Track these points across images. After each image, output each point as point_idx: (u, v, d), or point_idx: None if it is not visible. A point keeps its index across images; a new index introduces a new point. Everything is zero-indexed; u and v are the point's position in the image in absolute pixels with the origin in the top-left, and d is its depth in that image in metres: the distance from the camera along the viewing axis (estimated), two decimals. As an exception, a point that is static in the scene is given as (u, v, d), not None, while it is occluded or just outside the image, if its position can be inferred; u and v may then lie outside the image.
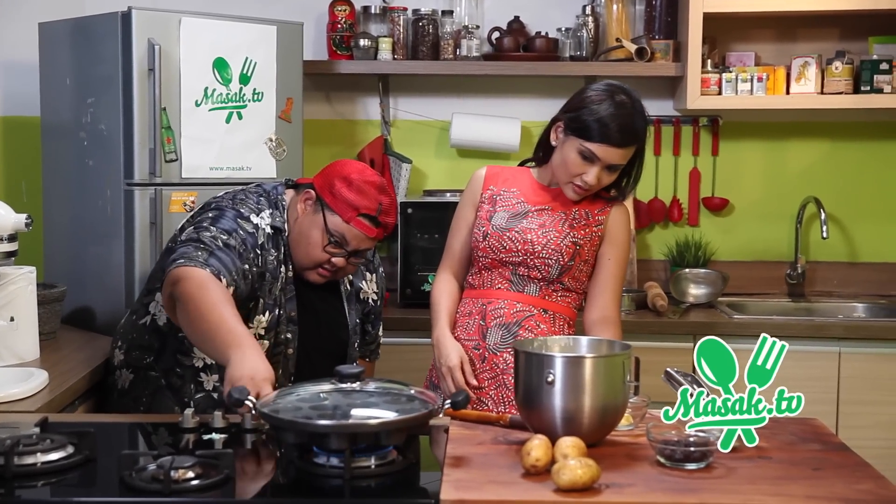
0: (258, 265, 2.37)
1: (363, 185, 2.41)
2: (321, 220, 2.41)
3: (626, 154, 2.44)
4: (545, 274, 2.49)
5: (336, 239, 2.40)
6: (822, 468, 1.88)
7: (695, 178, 4.03)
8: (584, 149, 2.43)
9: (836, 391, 3.43)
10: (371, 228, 2.41)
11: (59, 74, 3.37)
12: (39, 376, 2.53)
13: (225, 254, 2.28)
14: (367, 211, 2.40)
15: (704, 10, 3.67)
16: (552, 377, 1.91)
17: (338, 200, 2.40)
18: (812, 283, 4.01)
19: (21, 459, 1.80)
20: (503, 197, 2.58)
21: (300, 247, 2.44)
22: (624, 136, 2.41)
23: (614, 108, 2.42)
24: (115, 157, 3.15)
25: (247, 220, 2.40)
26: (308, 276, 2.47)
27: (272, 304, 2.42)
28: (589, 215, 2.53)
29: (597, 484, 1.73)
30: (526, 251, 2.48)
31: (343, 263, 2.44)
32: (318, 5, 3.96)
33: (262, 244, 2.39)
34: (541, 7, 3.96)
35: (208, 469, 1.76)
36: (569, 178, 2.48)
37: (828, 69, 3.73)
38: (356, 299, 2.63)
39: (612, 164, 2.44)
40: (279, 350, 2.44)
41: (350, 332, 2.59)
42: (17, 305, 2.74)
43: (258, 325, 2.40)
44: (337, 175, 2.43)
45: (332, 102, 4.07)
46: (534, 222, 2.52)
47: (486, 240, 2.52)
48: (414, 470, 1.85)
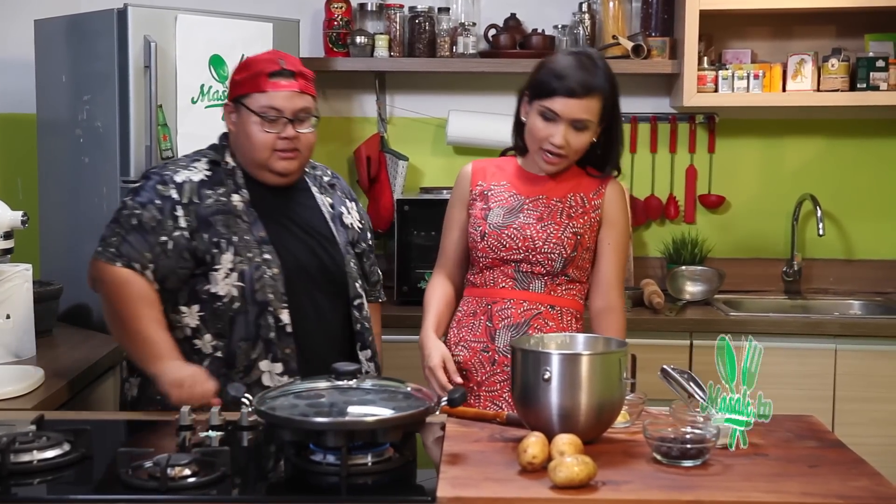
0: (188, 221, 2.32)
1: (254, 59, 2.41)
2: (245, 111, 2.37)
3: (589, 106, 2.38)
4: (549, 268, 2.44)
5: (268, 114, 2.35)
6: (818, 465, 1.88)
7: (691, 176, 4.04)
8: (544, 109, 2.38)
9: (832, 388, 3.43)
10: (289, 82, 2.36)
11: (55, 71, 3.37)
12: (35, 374, 2.53)
13: (137, 234, 2.30)
14: (273, 69, 2.35)
15: (701, 7, 3.66)
16: (549, 374, 1.91)
17: (244, 84, 2.38)
18: (808, 281, 4.02)
19: (17, 457, 1.80)
20: (494, 192, 2.51)
21: (246, 150, 2.39)
22: (581, 86, 2.35)
23: (569, 61, 2.39)
24: (111, 154, 3.15)
25: (169, 182, 2.35)
26: (274, 168, 2.39)
27: (231, 235, 2.35)
28: (585, 201, 2.48)
29: (593, 481, 1.73)
30: (527, 247, 2.43)
31: (293, 132, 2.37)
32: (314, 2, 3.96)
33: (190, 199, 2.34)
34: (537, 4, 3.96)
35: (205, 467, 1.76)
36: (538, 146, 2.42)
37: (824, 66, 3.74)
38: (340, 223, 2.55)
39: (575, 118, 2.37)
40: (260, 273, 2.34)
41: (342, 250, 2.50)
42: (13, 303, 2.74)
43: (225, 263, 2.33)
44: (233, 74, 2.44)
45: (328, 100, 4.06)
46: (531, 216, 2.46)
47: (485, 239, 2.46)
48: (411, 467, 1.85)
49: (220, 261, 2.33)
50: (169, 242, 2.31)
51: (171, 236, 2.31)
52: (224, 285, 2.32)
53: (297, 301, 2.38)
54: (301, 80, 2.39)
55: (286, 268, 2.38)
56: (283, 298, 2.35)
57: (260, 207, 2.41)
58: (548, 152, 2.41)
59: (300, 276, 2.40)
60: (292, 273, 2.39)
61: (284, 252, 2.39)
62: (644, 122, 4.03)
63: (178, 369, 2.20)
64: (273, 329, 2.33)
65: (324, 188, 2.57)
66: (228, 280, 2.32)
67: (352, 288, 2.48)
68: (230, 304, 2.32)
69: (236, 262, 2.34)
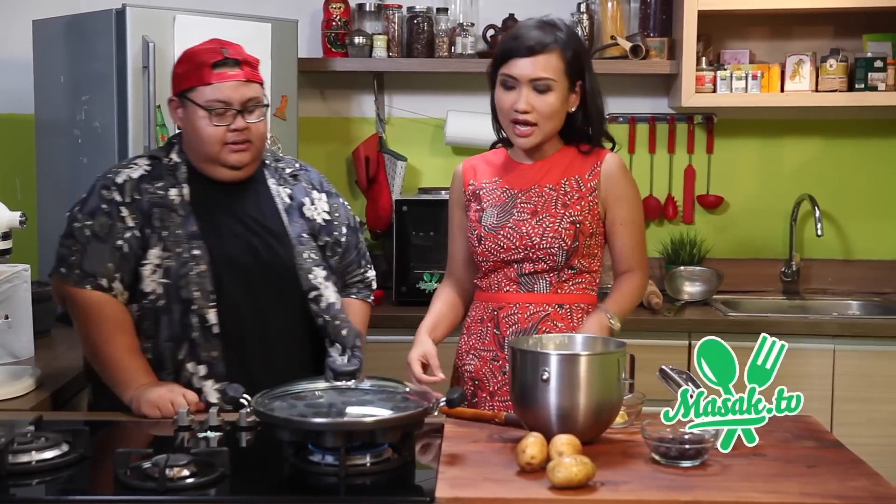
0: (135, 220, 2.27)
1: (195, 49, 2.32)
2: (191, 105, 2.28)
3: (547, 63, 2.29)
4: (552, 264, 2.36)
5: (215, 107, 2.26)
6: (816, 465, 1.88)
7: (689, 176, 4.04)
8: (503, 77, 2.32)
9: (830, 388, 3.43)
10: (234, 72, 2.28)
11: (54, 72, 3.37)
12: (34, 374, 2.53)
13: (93, 245, 2.26)
14: (215, 59, 2.27)
15: (699, 7, 3.66)
16: (547, 375, 1.91)
17: (187, 76, 2.29)
18: (807, 281, 4.02)
19: (16, 458, 1.80)
20: (486, 190, 2.44)
21: (196, 145, 2.31)
22: (532, 44, 2.29)
23: (521, 25, 2.35)
24: (109, 154, 3.15)
25: (111, 186, 2.30)
26: (227, 162, 2.31)
27: (162, 230, 2.28)
28: (580, 184, 2.38)
29: (592, 481, 1.73)
30: (525, 246, 2.35)
31: (243, 124, 2.28)
32: (312, 2, 3.95)
33: (132, 197, 2.29)
34: (536, 4, 3.94)
35: (203, 467, 1.76)
36: (507, 119, 2.34)
37: (822, 67, 3.74)
38: (299, 214, 2.43)
39: (534, 78, 2.29)
40: (185, 270, 2.27)
41: (293, 241, 2.38)
42: (11, 304, 2.73)
43: (152, 258, 2.27)
44: (175, 66, 2.35)
45: (327, 100, 4.06)
46: (525, 211, 2.38)
47: (482, 243, 2.39)
48: (409, 468, 1.85)
49: (148, 256, 2.28)
50: (124, 245, 2.27)
51: (123, 238, 2.27)
52: (150, 282, 2.27)
53: (230, 300, 2.30)
54: (247, 68, 2.30)
55: (216, 264, 2.29)
56: (210, 297, 2.27)
57: (200, 203, 2.33)
58: (515, 123, 2.32)
59: (234, 272, 2.31)
60: (224, 270, 2.30)
61: (217, 248, 2.31)
62: (642, 122, 4.03)
63: (149, 391, 2.20)
64: (198, 329, 2.26)
65: (283, 179, 2.45)
66: (155, 276, 2.27)
67: (304, 280, 2.37)
68: (155, 302, 2.27)
69: (163, 258, 2.27)
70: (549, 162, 2.41)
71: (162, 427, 2.13)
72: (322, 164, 3.97)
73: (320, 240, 2.44)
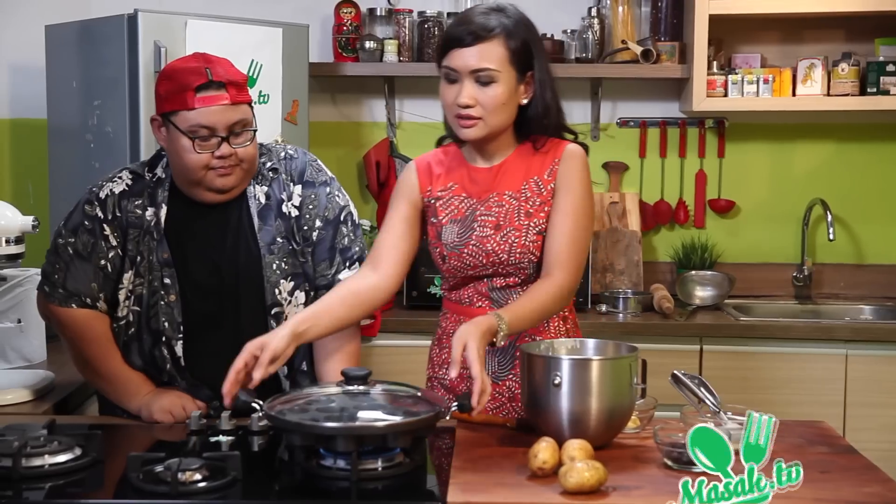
0: (117, 238, 2.22)
1: (177, 68, 2.16)
2: (174, 129, 2.14)
3: (488, 52, 2.10)
4: (523, 277, 2.21)
5: (198, 133, 2.13)
6: (829, 471, 1.87)
7: (700, 180, 4.03)
8: (445, 70, 2.15)
9: (843, 393, 3.42)
10: (218, 95, 2.13)
11: (66, 77, 3.38)
12: (46, 378, 2.54)
13: (76, 264, 2.22)
14: (199, 82, 2.12)
15: (710, 11, 3.66)
16: (559, 379, 1.91)
17: (169, 99, 2.14)
18: (819, 286, 4.00)
19: (29, 461, 1.80)
20: (444, 201, 2.25)
21: (180, 169, 2.20)
22: (469, 32, 2.11)
23: (464, 14, 2.18)
24: (121, 158, 3.15)
25: (94, 201, 2.24)
26: (212, 186, 2.19)
27: (136, 255, 2.22)
28: (540, 186, 2.20)
29: (604, 486, 1.73)
30: (492, 262, 2.19)
31: (229, 151, 2.15)
32: (323, 7, 3.96)
33: (113, 213, 2.22)
34: (546, 9, 3.96)
35: (215, 471, 1.76)
36: (452, 115, 2.16)
37: (834, 71, 3.73)
38: (277, 214, 2.27)
39: (475, 69, 2.10)
40: (156, 299, 2.22)
41: (263, 251, 2.24)
42: (24, 308, 2.75)
43: (127, 282, 2.22)
44: (157, 83, 2.21)
45: (337, 104, 4.07)
46: (487, 225, 2.20)
47: (447, 262, 2.23)
48: (421, 472, 1.85)
49: (122, 280, 2.23)
50: (107, 265, 2.22)
51: (107, 258, 2.22)
52: (123, 307, 2.24)
53: (197, 329, 2.24)
54: (232, 90, 2.15)
55: (184, 293, 2.23)
56: (178, 328, 2.23)
57: (175, 226, 2.24)
58: (458, 117, 2.15)
59: (201, 299, 2.24)
60: (192, 297, 2.24)
61: (185, 276, 2.23)
62: (653, 126, 4.02)
63: (160, 398, 2.21)
64: (168, 361, 2.24)
65: (261, 176, 2.28)
66: (127, 303, 2.24)
67: (269, 295, 2.25)
68: (127, 329, 2.25)
69: (135, 284, 2.23)
70: (506, 165, 2.23)
71: (173, 432, 2.13)
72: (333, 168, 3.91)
73: (293, 241, 2.28)
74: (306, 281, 2.29)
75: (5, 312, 2.77)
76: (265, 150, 2.33)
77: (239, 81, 2.18)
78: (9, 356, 2.78)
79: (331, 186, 2.34)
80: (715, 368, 3.38)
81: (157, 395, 2.22)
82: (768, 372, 3.42)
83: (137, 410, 2.22)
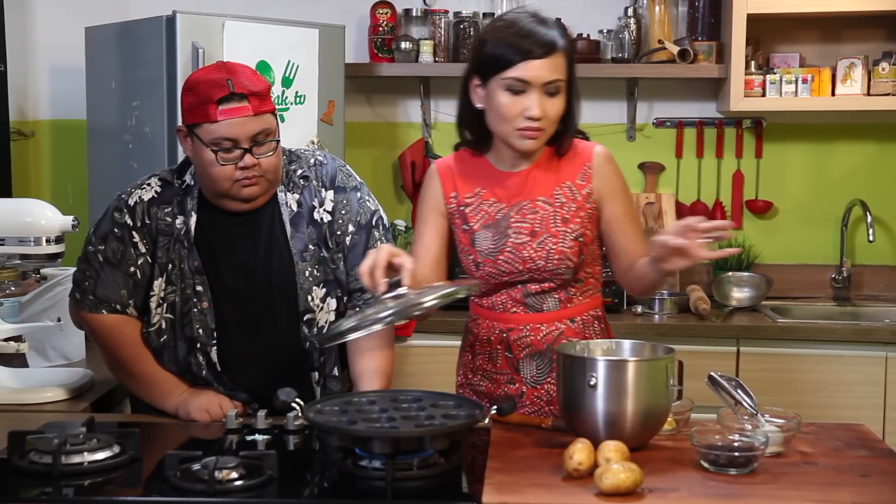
0: (146, 245, 2.22)
1: (200, 79, 2.16)
2: (198, 141, 2.15)
3: (556, 65, 2.12)
4: (560, 283, 2.23)
5: (221, 145, 2.13)
6: (869, 474, 1.85)
7: (738, 181, 4.00)
8: (509, 81, 2.11)
9: (882, 396, 3.38)
10: (241, 107, 2.13)
11: (105, 78, 3.41)
12: (86, 377, 2.56)
13: (106, 271, 2.23)
14: (221, 94, 2.12)
15: (748, 10, 3.63)
16: (595, 381, 1.90)
17: (193, 112, 2.15)
18: (858, 287, 3.96)
19: (68, 458, 1.82)
20: (473, 207, 2.25)
21: (205, 180, 2.20)
22: (540, 45, 2.10)
23: (517, 24, 2.13)
24: (159, 159, 3.18)
25: (123, 208, 2.25)
26: (238, 196, 2.19)
27: (168, 263, 2.23)
28: (574, 191, 2.22)
29: (640, 488, 1.72)
30: (529, 269, 2.21)
31: (252, 161, 2.15)
32: (359, 8, 3.98)
33: (143, 221, 2.23)
34: (582, 8, 3.95)
35: (252, 470, 1.77)
36: (513, 127, 2.14)
37: (874, 70, 3.69)
38: (309, 221, 2.28)
39: (547, 81, 2.11)
40: (189, 307, 2.23)
41: (296, 258, 2.25)
42: (63, 306, 2.77)
43: (158, 290, 2.23)
44: (182, 95, 2.20)
45: (373, 105, 4.08)
46: (522, 231, 2.21)
47: (481, 268, 2.23)
48: (456, 472, 1.85)
49: (153, 287, 2.24)
50: (137, 272, 2.23)
51: (136, 265, 2.23)
52: (156, 315, 2.25)
53: (231, 336, 2.25)
54: (255, 101, 2.14)
55: (217, 300, 2.24)
56: (212, 335, 2.24)
57: (206, 234, 2.24)
58: (523, 128, 2.14)
59: (235, 306, 2.25)
60: (225, 305, 2.24)
61: (218, 283, 2.24)
62: (690, 126, 4.00)
63: (197, 398, 2.23)
64: (204, 367, 2.25)
65: (293, 184, 2.29)
66: (160, 310, 2.24)
67: (301, 301, 2.25)
68: (160, 336, 2.25)
69: (167, 292, 2.24)
70: (535, 169, 2.24)
71: (209, 430, 2.14)
72: (368, 168, 3.99)
73: (325, 249, 2.28)
74: (338, 287, 2.30)
75: (45, 311, 2.80)
76: (294, 156, 2.33)
77: (261, 91, 2.17)
78: (49, 354, 2.82)
79: (361, 191, 2.35)
80: (752, 370, 3.35)
81: (193, 395, 2.24)
82: (806, 374, 3.39)
83: (174, 410, 2.24)
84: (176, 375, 2.27)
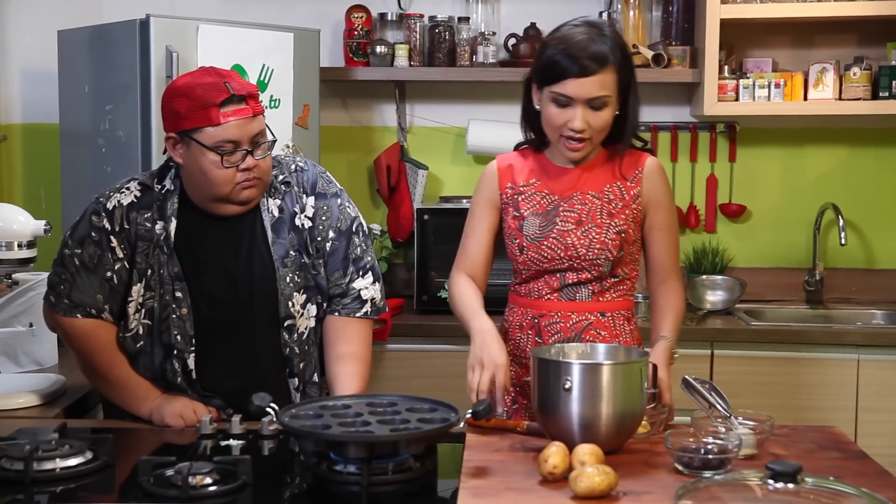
0: (124, 250, 2.21)
1: (195, 83, 2.16)
2: (197, 146, 2.15)
3: (603, 81, 2.20)
4: (597, 274, 2.31)
5: (225, 148, 2.14)
6: (841, 476, 1.86)
7: (712, 185, 4.02)
8: (555, 94, 2.21)
9: (854, 398, 3.41)
10: (242, 109, 2.15)
11: (78, 82, 3.39)
12: (58, 382, 2.55)
13: (82, 275, 2.22)
14: (222, 97, 2.13)
15: (721, 16, 3.65)
16: (569, 384, 1.91)
17: (190, 116, 2.14)
18: (830, 290, 3.99)
19: (40, 465, 1.81)
20: (526, 195, 2.35)
21: (204, 186, 2.19)
22: (588, 62, 2.18)
23: (571, 38, 2.21)
24: (132, 163, 3.16)
25: (101, 212, 2.23)
26: (238, 199, 2.20)
27: (147, 268, 2.22)
28: (623, 191, 2.32)
29: (614, 491, 1.73)
30: (570, 256, 2.29)
31: (253, 163, 2.17)
32: (334, 12, 3.97)
33: (121, 226, 2.22)
34: (557, 13, 3.90)
35: (226, 475, 1.77)
36: (558, 135, 2.26)
37: (846, 75, 3.72)
38: (290, 227, 2.29)
39: (591, 97, 2.20)
40: (167, 313, 2.22)
41: (277, 264, 2.26)
42: (35, 312, 2.75)
43: (137, 295, 2.22)
44: (170, 101, 2.18)
45: (348, 109, 4.07)
46: (569, 220, 2.31)
47: (525, 253, 2.32)
48: (431, 477, 1.85)
49: (131, 292, 2.23)
50: (114, 277, 2.22)
51: (113, 270, 2.22)
52: (133, 320, 2.24)
53: (210, 343, 2.25)
54: (252, 102, 2.18)
55: (196, 306, 2.23)
56: (190, 341, 2.23)
57: (186, 240, 2.24)
58: (569, 139, 2.25)
59: (215, 311, 2.25)
60: (205, 310, 2.24)
61: (197, 289, 2.23)
62: (664, 131, 4.02)
63: (171, 403, 2.22)
64: (179, 374, 2.24)
65: (274, 189, 2.30)
66: (137, 316, 2.23)
67: (282, 308, 2.26)
68: (136, 341, 2.25)
69: (145, 298, 2.23)
70: (590, 167, 2.34)
71: (183, 436, 2.14)
72: (344, 172, 3.98)
73: (304, 255, 2.30)
74: (318, 293, 2.31)
75: (17, 316, 2.78)
76: (276, 162, 2.34)
77: (254, 92, 2.21)
78: (21, 360, 2.80)
79: (341, 198, 2.38)
80: (726, 373, 3.37)
81: (167, 400, 2.23)
82: (779, 377, 3.41)
83: (148, 415, 2.23)
84: (150, 382, 2.26)
